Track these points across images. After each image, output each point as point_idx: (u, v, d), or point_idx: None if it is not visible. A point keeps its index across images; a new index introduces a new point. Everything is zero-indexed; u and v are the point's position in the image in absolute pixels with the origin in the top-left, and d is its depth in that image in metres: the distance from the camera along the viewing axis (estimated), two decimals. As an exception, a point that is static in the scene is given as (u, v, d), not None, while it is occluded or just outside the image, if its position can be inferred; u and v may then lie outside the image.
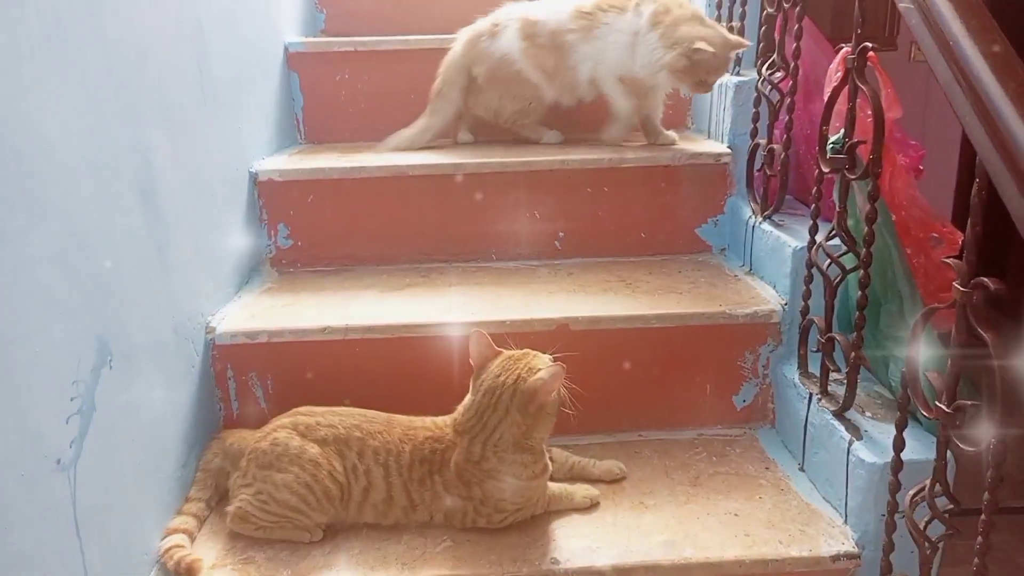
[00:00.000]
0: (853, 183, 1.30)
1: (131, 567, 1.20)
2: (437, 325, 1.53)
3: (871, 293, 1.27)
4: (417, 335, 1.53)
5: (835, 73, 1.43)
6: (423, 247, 1.89)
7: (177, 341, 1.40)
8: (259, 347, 1.52)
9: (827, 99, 1.34)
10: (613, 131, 1.99)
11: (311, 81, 2.17)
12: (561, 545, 1.28)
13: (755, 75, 1.72)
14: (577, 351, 1.37)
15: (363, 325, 1.53)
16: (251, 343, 1.52)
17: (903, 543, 1.14)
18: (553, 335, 1.51)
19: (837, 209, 1.31)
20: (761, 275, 1.71)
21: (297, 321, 1.55)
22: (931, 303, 1.08)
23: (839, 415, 1.35)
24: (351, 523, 1.33)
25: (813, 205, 1.40)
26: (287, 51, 2.14)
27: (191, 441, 1.42)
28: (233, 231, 1.72)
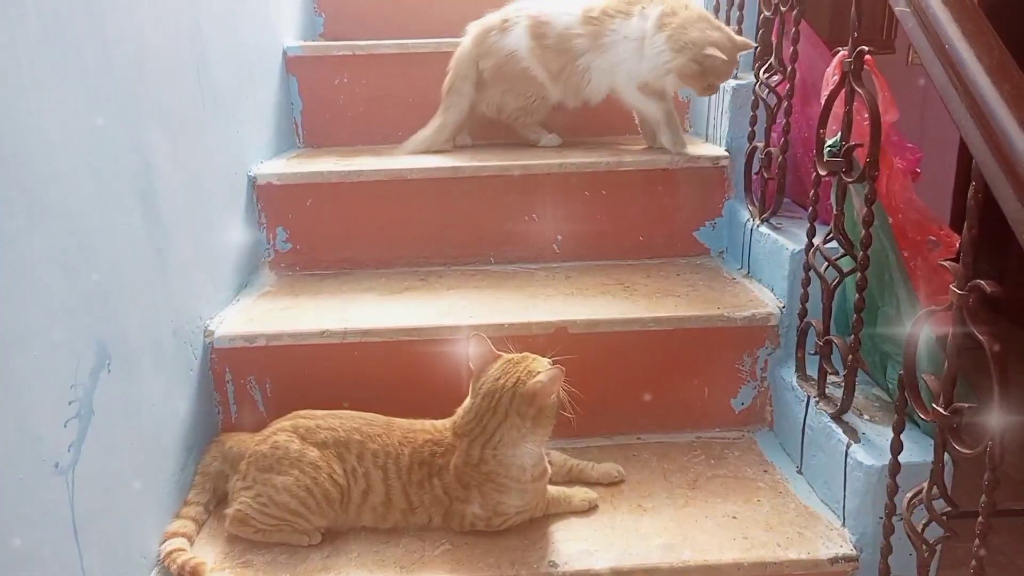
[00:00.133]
0: (850, 186, 1.30)
1: (130, 570, 1.20)
2: (435, 328, 1.53)
3: (868, 296, 1.28)
4: (416, 339, 1.53)
5: (832, 76, 1.44)
6: (422, 250, 1.89)
7: (176, 344, 1.40)
8: (258, 350, 1.52)
9: (824, 102, 1.35)
10: (664, 137, 1.91)
11: (310, 85, 2.17)
12: (559, 548, 1.28)
13: (752, 78, 1.72)
14: (575, 354, 1.37)
15: (362, 328, 1.53)
16: (250, 346, 1.52)
17: (901, 546, 1.15)
18: (551, 338, 1.51)
19: (834, 212, 1.31)
20: (759, 278, 1.72)
21: (296, 324, 1.55)
22: (928, 306, 1.08)
23: (837, 418, 1.35)
24: (350, 526, 1.33)
25: (811, 208, 1.41)
26: (286, 55, 2.14)
27: (190, 444, 1.42)
28: (232, 234, 1.72)
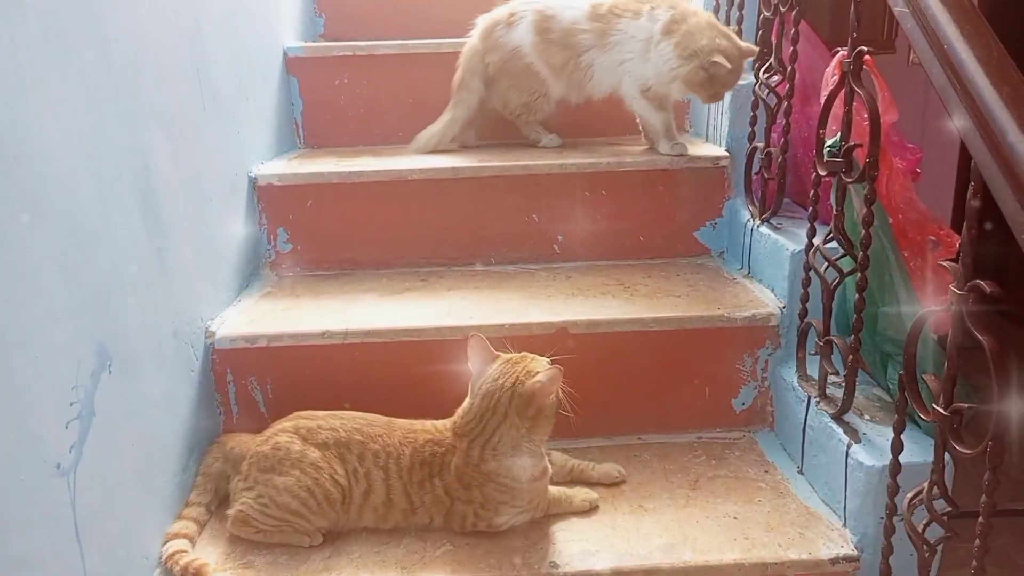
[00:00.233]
0: (850, 186, 1.30)
1: (131, 571, 1.20)
2: (436, 329, 1.53)
3: (869, 296, 1.28)
4: (416, 339, 1.54)
5: (831, 77, 1.44)
6: (422, 251, 1.89)
7: (177, 345, 1.40)
8: (259, 351, 1.53)
9: (824, 103, 1.35)
10: (662, 146, 1.91)
11: (310, 85, 2.17)
12: (560, 549, 1.28)
13: (752, 79, 1.72)
14: (576, 354, 1.38)
15: (362, 329, 1.54)
16: (251, 347, 1.52)
17: (902, 546, 1.15)
18: (552, 339, 1.51)
19: (834, 212, 1.31)
20: (759, 278, 1.72)
21: (297, 325, 1.56)
22: (928, 306, 1.08)
23: (837, 418, 1.35)
24: (351, 527, 1.33)
25: (811, 208, 1.41)
26: (286, 56, 2.14)
27: (191, 445, 1.42)
28: (233, 235, 1.72)
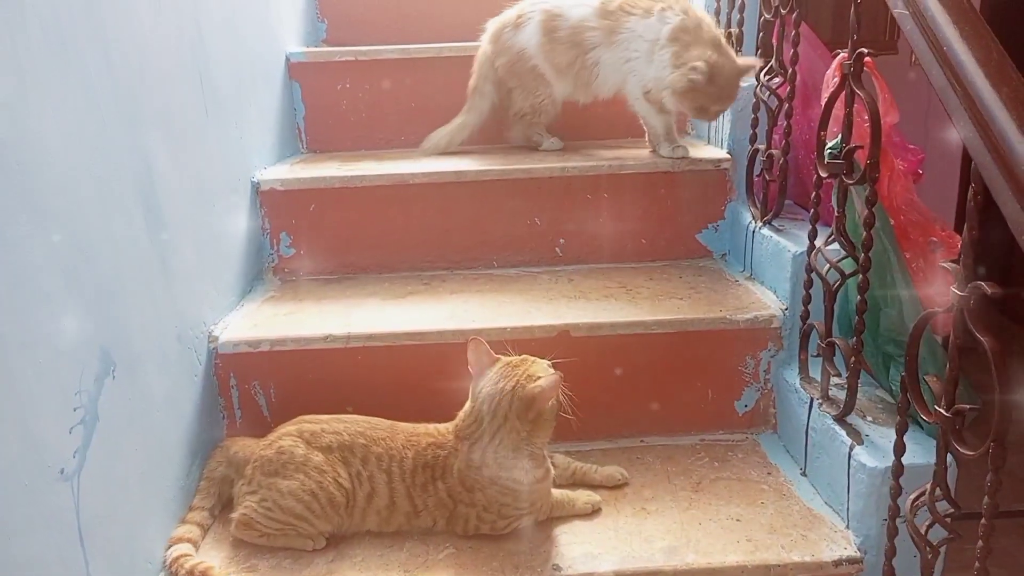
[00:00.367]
0: (851, 188, 1.30)
1: (135, 575, 1.20)
2: (439, 333, 1.53)
3: (871, 297, 1.27)
4: (419, 343, 1.54)
5: (832, 79, 1.44)
6: (425, 255, 1.89)
7: (180, 350, 1.41)
8: (262, 356, 1.53)
9: (824, 104, 1.35)
10: (663, 149, 1.91)
11: (313, 90, 2.18)
12: (563, 551, 1.28)
13: (753, 81, 1.72)
14: (578, 357, 1.38)
15: (365, 333, 1.54)
16: (254, 352, 1.53)
17: (905, 548, 1.14)
18: (554, 342, 1.51)
19: (836, 214, 1.31)
20: (762, 280, 1.72)
21: (299, 330, 1.56)
22: (930, 307, 1.08)
23: (840, 420, 1.35)
24: (354, 531, 1.33)
25: (812, 210, 1.41)
26: (288, 61, 2.15)
27: (194, 450, 1.42)
28: (235, 240, 1.73)
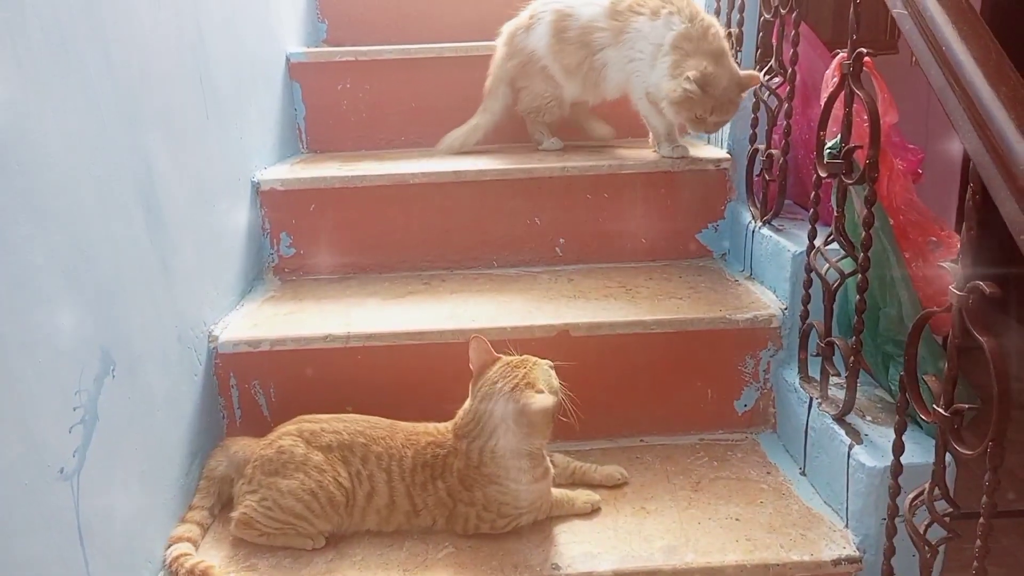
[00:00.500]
0: (851, 188, 1.30)
1: (135, 575, 1.20)
2: (438, 332, 1.54)
3: (870, 297, 1.28)
4: (419, 342, 1.54)
5: (831, 78, 1.44)
6: (425, 255, 1.90)
7: (180, 350, 1.41)
8: (262, 355, 1.53)
9: (824, 104, 1.35)
10: (663, 149, 1.92)
11: (313, 91, 2.18)
12: (562, 551, 1.28)
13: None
14: (578, 357, 1.38)
15: (365, 333, 1.54)
16: (254, 351, 1.53)
17: (904, 547, 1.14)
18: (554, 341, 1.51)
19: (835, 214, 1.31)
20: (761, 280, 1.72)
21: (299, 329, 1.56)
22: (929, 307, 1.08)
23: (839, 419, 1.35)
24: (354, 530, 1.33)
25: (812, 210, 1.41)
26: (289, 61, 2.15)
27: (194, 449, 1.43)
28: (236, 240, 1.73)
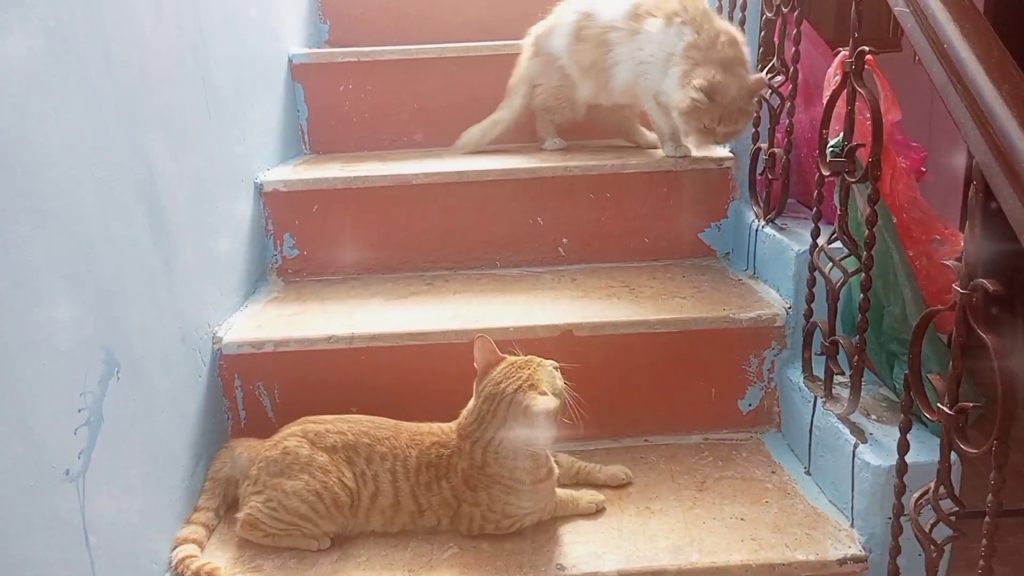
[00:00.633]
0: (854, 186, 1.30)
1: (140, 576, 1.21)
2: (442, 333, 1.54)
3: (874, 296, 1.27)
4: (422, 343, 1.54)
5: (833, 77, 1.44)
6: (428, 255, 1.90)
7: (184, 351, 1.41)
8: (266, 356, 1.53)
9: (826, 103, 1.35)
10: (667, 148, 1.92)
11: (315, 92, 2.18)
12: (567, 551, 1.28)
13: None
14: (581, 357, 1.38)
15: (369, 333, 1.54)
16: (258, 352, 1.53)
17: (910, 546, 1.14)
18: (557, 341, 1.51)
19: (838, 212, 1.31)
20: (765, 279, 1.71)
21: (303, 330, 1.56)
22: (933, 305, 1.08)
23: (844, 418, 1.35)
24: (359, 531, 1.33)
25: (815, 208, 1.40)
26: (291, 62, 2.15)
27: (199, 450, 1.43)
28: (239, 241, 1.73)
